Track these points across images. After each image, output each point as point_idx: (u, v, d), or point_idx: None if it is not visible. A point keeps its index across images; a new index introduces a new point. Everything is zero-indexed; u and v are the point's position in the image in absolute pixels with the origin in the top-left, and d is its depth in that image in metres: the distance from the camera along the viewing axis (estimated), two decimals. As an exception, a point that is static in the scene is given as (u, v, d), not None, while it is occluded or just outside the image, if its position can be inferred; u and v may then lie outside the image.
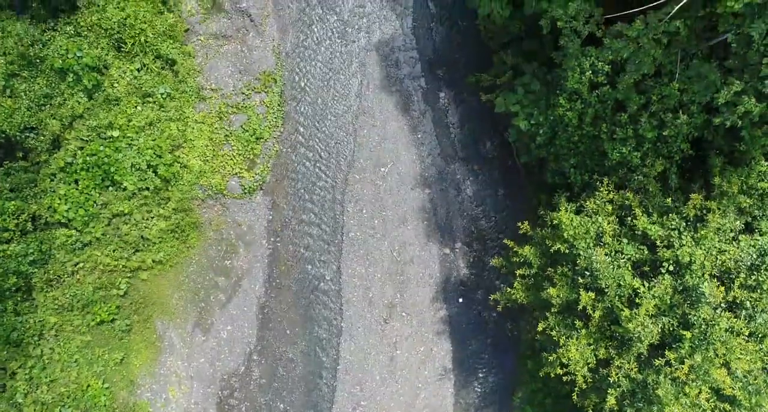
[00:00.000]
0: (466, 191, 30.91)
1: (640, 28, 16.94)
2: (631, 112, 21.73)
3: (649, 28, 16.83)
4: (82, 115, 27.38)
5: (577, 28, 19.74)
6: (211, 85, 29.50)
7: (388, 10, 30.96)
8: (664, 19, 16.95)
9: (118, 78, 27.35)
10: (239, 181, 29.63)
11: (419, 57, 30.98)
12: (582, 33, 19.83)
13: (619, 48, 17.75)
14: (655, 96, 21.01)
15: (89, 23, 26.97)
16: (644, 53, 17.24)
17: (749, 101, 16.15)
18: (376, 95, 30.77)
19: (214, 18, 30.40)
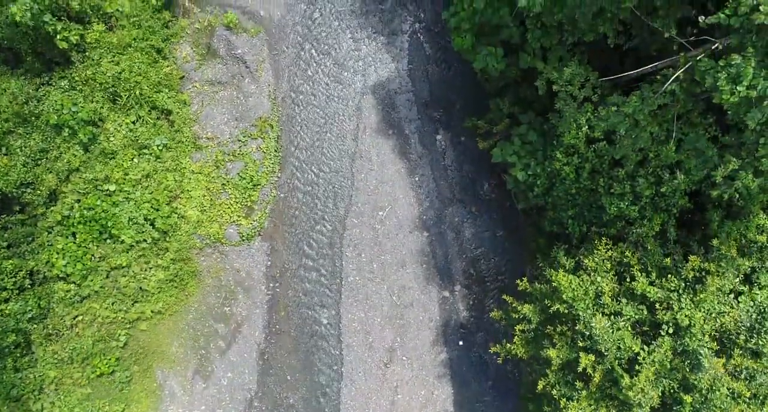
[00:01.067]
0: (465, 234, 30.85)
1: (637, 105, 16.87)
2: (627, 170, 21.66)
3: (645, 103, 16.76)
4: (78, 169, 27.36)
5: (573, 93, 19.66)
6: (207, 134, 29.45)
7: (384, 53, 30.88)
8: (660, 91, 16.87)
9: (114, 132, 27.30)
10: (237, 229, 29.58)
11: (415, 99, 30.92)
12: (578, 97, 19.75)
13: (616, 123, 17.68)
14: (652, 153, 20.94)
15: (84, 77, 26.92)
16: (641, 129, 17.17)
17: (747, 176, 16.09)
18: (373, 139, 30.71)
19: (209, 64, 30.36)
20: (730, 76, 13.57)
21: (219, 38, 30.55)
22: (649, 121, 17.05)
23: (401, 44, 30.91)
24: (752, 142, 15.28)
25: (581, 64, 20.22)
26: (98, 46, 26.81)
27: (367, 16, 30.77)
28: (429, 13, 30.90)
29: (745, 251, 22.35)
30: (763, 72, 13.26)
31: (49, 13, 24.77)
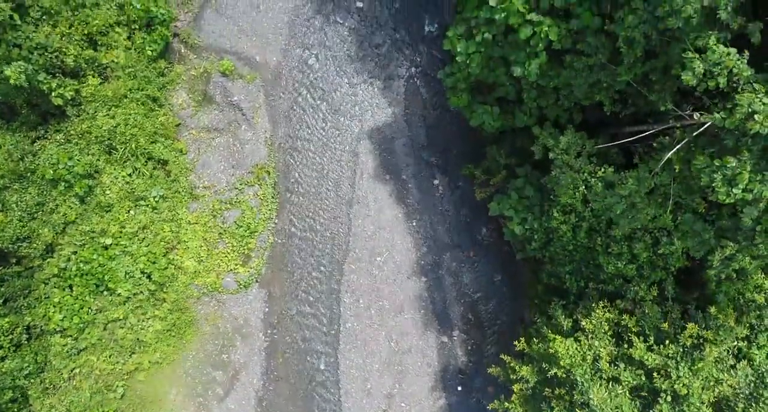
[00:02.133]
0: (463, 278, 30.78)
1: (633, 188, 16.80)
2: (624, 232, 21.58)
3: (642, 185, 16.69)
4: (74, 221, 27.28)
5: (569, 163, 19.58)
6: (204, 183, 29.36)
7: (380, 97, 30.80)
8: (656, 170, 16.81)
9: (110, 185, 27.22)
10: (234, 277, 29.50)
11: (412, 144, 30.84)
12: (575, 167, 19.67)
13: (612, 203, 17.62)
14: (649, 221, 20.85)
15: (79, 131, 26.85)
16: (638, 211, 17.11)
17: (744, 259, 16.03)
18: (370, 184, 30.64)
19: (205, 110, 30.27)
20: (726, 178, 13.53)
21: (215, 85, 30.48)
22: (646, 203, 16.99)
23: (398, 89, 30.83)
24: (749, 229, 15.21)
25: (577, 130, 20.13)
26: (93, 100, 26.73)
27: (364, 61, 30.69)
28: (425, 58, 30.82)
29: (744, 309, 22.32)
30: (759, 176, 13.21)
31: (44, 72, 24.70)
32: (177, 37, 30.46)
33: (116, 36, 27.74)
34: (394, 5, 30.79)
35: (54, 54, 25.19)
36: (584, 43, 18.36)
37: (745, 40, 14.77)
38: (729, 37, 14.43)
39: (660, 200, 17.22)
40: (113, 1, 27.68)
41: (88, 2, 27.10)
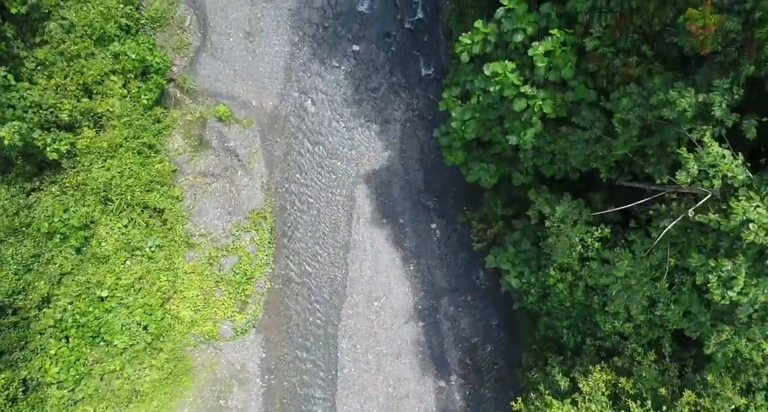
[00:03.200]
0: (460, 323, 30.69)
1: (629, 269, 16.72)
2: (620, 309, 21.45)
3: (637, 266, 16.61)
4: (70, 272, 27.19)
5: (565, 232, 19.50)
6: (200, 231, 29.28)
7: (377, 141, 30.71)
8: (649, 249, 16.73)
9: (106, 236, 27.14)
10: (231, 325, 29.42)
11: (409, 188, 30.75)
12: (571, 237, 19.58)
13: (608, 283, 17.55)
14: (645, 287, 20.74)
15: (75, 183, 26.77)
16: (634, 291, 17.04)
17: (740, 342, 15.95)
18: (367, 228, 30.55)
19: (201, 155, 30.19)
20: (722, 280, 13.46)
21: (211, 130, 30.39)
22: (641, 283, 16.91)
23: (394, 132, 30.73)
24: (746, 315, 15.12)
25: (573, 185, 20.04)
26: (89, 152, 26.67)
27: (360, 105, 30.60)
28: (422, 101, 30.73)
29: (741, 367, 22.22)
30: (754, 280, 13.13)
31: (39, 129, 24.62)
32: (173, 81, 30.38)
33: (112, 84, 27.69)
34: (390, 49, 30.71)
35: (49, 110, 25.12)
36: (579, 116, 18.27)
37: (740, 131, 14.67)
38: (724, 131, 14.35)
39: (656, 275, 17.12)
40: (108, 51, 27.62)
41: (83, 53, 27.06)
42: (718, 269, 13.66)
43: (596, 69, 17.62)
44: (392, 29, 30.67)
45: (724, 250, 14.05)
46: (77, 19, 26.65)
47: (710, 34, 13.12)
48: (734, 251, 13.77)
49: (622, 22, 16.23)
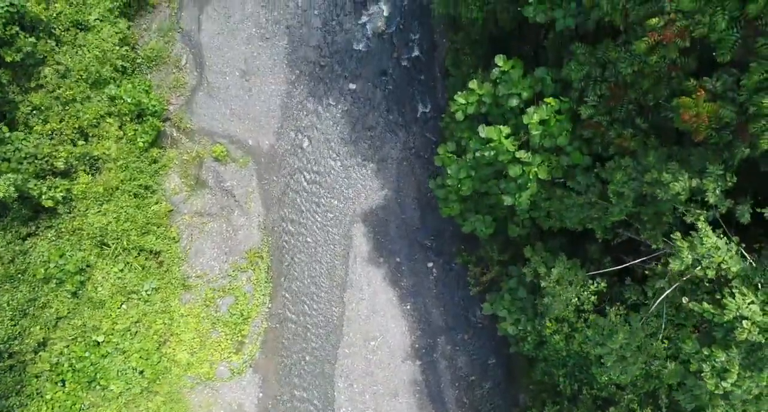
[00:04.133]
0: (457, 362, 30.63)
1: (624, 342, 16.67)
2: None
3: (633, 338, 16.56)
4: (66, 315, 27.17)
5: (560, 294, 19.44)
6: (196, 272, 29.24)
7: (374, 179, 30.64)
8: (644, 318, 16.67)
9: (102, 281, 27.11)
10: (228, 365, 29.37)
11: (406, 226, 30.68)
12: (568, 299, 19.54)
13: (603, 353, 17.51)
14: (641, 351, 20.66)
15: (71, 228, 26.74)
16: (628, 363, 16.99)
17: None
18: (363, 267, 30.49)
19: (198, 195, 30.15)
20: (716, 370, 13.42)
21: (207, 169, 30.35)
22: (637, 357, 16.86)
23: (391, 171, 30.65)
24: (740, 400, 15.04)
25: (569, 238, 19.99)
26: (85, 197, 26.62)
27: (357, 143, 30.54)
28: (419, 139, 30.66)
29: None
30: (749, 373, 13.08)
31: (34, 178, 24.57)
32: (169, 121, 30.34)
33: (107, 126, 27.66)
34: (387, 87, 30.63)
35: (44, 159, 25.07)
36: (574, 180, 18.21)
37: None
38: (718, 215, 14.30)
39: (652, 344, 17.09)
40: (104, 93, 27.59)
41: (78, 97, 27.03)
42: (712, 359, 13.64)
43: (591, 136, 17.58)
44: (389, 67, 30.59)
45: (718, 339, 14.02)
46: (72, 64, 26.62)
47: (704, 123, 13.07)
48: (728, 341, 13.73)
49: (617, 92, 16.17)
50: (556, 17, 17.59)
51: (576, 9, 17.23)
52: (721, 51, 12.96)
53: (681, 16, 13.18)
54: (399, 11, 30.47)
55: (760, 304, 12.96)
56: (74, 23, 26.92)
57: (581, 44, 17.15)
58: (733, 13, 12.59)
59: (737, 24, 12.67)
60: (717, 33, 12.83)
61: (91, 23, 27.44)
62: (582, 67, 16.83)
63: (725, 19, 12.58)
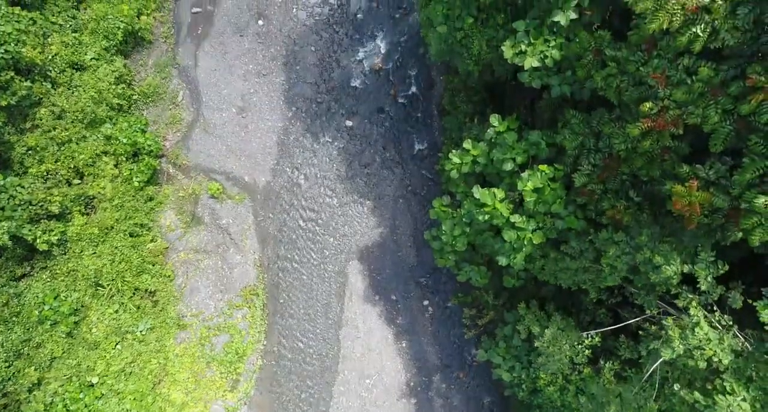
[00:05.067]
0: (452, 400, 30.58)
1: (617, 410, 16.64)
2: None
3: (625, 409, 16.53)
4: (61, 355, 27.12)
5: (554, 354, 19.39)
6: (191, 311, 29.20)
7: (370, 217, 30.59)
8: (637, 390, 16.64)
9: (96, 322, 27.07)
10: (223, 404, 29.34)
11: (402, 264, 30.62)
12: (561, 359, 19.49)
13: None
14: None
15: (65, 270, 26.69)
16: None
17: None
18: (359, 305, 30.45)
19: (193, 231, 30.10)
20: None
21: (203, 206, 30.30)
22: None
23: (387, 208, 30.60)
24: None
25: (564, 318, 19.94)
26: (80, 239, 26.56)
27: (353, 180, 30.48)
28: (415, 177, 30.59)
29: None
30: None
31: (28, 224, 24.52)
32: (165, 157, 30.29)
33: (103, 165, 27.61)
34: (383, 124, 30.57)
35: (39, 205, 25.01)
36: (568, 245, 18.15)
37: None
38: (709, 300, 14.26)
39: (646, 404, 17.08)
40: (100, 132, 27.53)
41: (74, 137, 26.97)
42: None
43: (586, 202, 17.51)
44: (386, 104, 30.53)
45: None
46: (68, 105, 26.56)
47: (695, 213, 13.01)
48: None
49: (611, 164, 16.10)
50: (551, 84, 17.53)
51: (572, 77, 17.17)
52: (714, 142, 12.90)
53: (674, 104, 13.11)
54: (396, 48, 30.40)
55: (751, 400, 12.92)
56: (70, 64, 26.84)
57: (576, 112, 17.08)
58: (725, 106, 12.52)
59: (730, 117, 12.60)
60: (710, 125, 12.76)
61: (87, 63, 27.37)
62: (576, 136, 16.76)
63: (718, 114, 12.51)
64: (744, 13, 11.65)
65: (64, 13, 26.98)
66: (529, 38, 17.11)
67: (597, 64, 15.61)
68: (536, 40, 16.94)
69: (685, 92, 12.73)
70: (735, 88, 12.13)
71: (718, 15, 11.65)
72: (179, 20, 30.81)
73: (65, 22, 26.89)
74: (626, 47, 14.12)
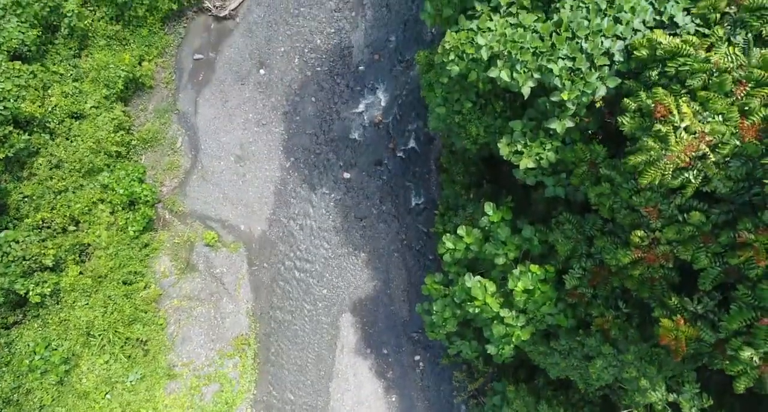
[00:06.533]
0: (440, 456, 30.64)
1: None
2: None
3: None
4: (50, 404, 27.18)
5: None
6: (182, 360, 29.23)
7: (364, 269, 30.54)
8: None
9: (87, 372, 27.11)
10: (210, 455, 29.42)
11: (395, 318, 30.62)
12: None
13: None
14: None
15: (57, 320, 26.71)
16: None
17: None
18: (350, 358, 30.46)
19: (187, 278, 30.12)
20: None
21: (198, 254, 30.31)
22: None
23: (382, 261, 30.57)
24: None
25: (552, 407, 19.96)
26: (73, 290, 26.59)
27: (349, 232, 30.46)
28: (411, 231, 30.56)
29: None
30: None
31: (21, 278, 24.55)
32: (161, 203, 30.30)
33: (99, 213, 27.63)
34: (381, 177, 30.54)
35: (32, 259, 25.02)
36: (557, 342, 18.14)
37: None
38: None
39: None
40: (97, 181, 27.53)
41: (71, 186, 26.97)
42: None
43: (576, 302, 17.50)
44: (384, 157, 30.49)
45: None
46: (66, 155, 26.57)
47: (681, 348, 12.99)
48: None
49: (601, 273, 16.09)
50: (546, 183, 17.50)
51: (566, 180, 17.14)
52: (703, 280, 12.88)
53: (665, 240, 13.09)
54: (396, 101, 30.35)
55: None
56: (69, 114, 26.84)
57: (569, 216, 17.04)
58: (716, 251, 12.49)
59: (720, 259, 12.57)
60: (699, 264, 12.73)
61: (87, 111, 27.36)
62: (568, 240, 16.74)
63: (708, 257, 12.49)
64: (736, 166, 11.62)
65: (66, 62, 26.95)
66: (526, 139, 17.08)
67: (591, 177, 15.58)
68: (532, 142, 16.91)
69: (676, 232, 12.70)
70: (725, 238, 12.11)
71: (711, 171, 11.63)
72: (181, 66, 30.79)
73: (66, 71, 26.86)
74: (620, 173, 14.09)
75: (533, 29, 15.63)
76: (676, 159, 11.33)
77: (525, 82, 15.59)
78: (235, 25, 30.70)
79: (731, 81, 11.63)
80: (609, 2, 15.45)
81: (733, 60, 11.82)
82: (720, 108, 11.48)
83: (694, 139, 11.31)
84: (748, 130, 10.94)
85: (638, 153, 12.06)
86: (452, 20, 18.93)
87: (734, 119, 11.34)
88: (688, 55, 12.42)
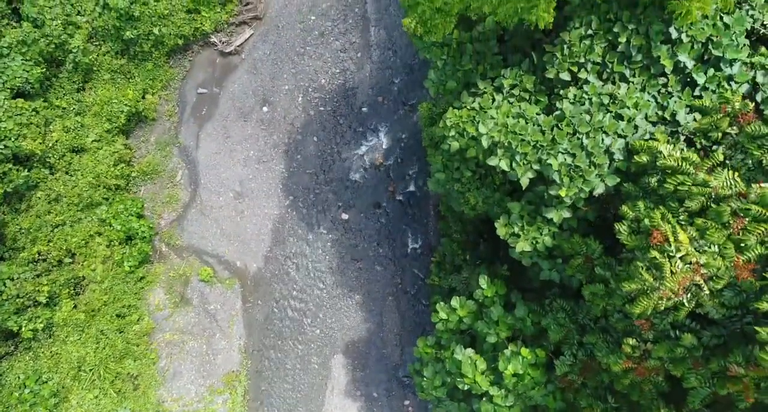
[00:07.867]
0: None
1: None
2: None
3: None
4: (39, 435, 27.22)
5: None
6: (172, 396, 29.23)
7: (358, 311, 30.47)
8: None
9: (76, 406, 27.13)
10: None
11: (386, 361, 30.57)
12: None
13: None
14: None
15: (48, 354, 26.73)
16: None
17: None
18: (340, 399, 30.45)
19: (181, 312, 30.12)
20: None
21: (193, 288, 30.30)
22: None
23: (376, 304, 30.52)
24: None
25: None
26: (65, 325, 26.58)
27: (344, 274, 30.42)
28: (406, 275, 30.51)
29: None
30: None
31: (14, 315, 24.54)
32: (158, 235, 30.28)
33: (96, 245, 27.62)
34: (379, 220, 30.49)
35: (26, 296, 25.02)
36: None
37: None
38: None
39: None
40: (95, 214, 27.52)
41: (68, 220, 26.95)
42: None
43: (566, 387, 17.46)
44: (383, 200, 30.43)
45: None
46: (64, 190, 26.55)
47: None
48: None
49: (592, 366, 16.05)
50: (541, 266, 17.45)
51: (561, 265, 17.08)
52: (692, 399, 12.82)
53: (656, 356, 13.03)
54: (398, 144, 30.28)
55: None
56: (70, 148, 26.81)
57: (563, 303, 16.99)
58: (705, 375, 12.44)
59: (710, 381, 12.52)
60: (689, 384, 12.68)
61: (88, 145, 27.33)
62: (561, 329, 16.69)
63: (698, 380, 12.44)
64: (730, 296, 11.56)
65: (69, 96, 26.91)
66: (523, 222, 17.02)
67: (586, 271, 15.52)
68: (529, 226, 16.85)
69: (667, 351, 12.65)
70: (716, 365, 12.06)
71: (704, 300, 11.57)
72: (184, 99, 30.73)
73: (69, 105, 26.83)
74: (614, 276, 14.02)
75: (535, 122, 15.56)
76: (669, 293, 11.27)
77: (524, 174, 15.53)
78: (241, 61, 30.63)
79: (729, 213, 11.56)
80: (611, 97, 15.39)
81: (732, 186, 11.74)
82: (716, 239, 11.43)
83: (689, 270, 11.25)
84: (743, 268, 10.89)
85: (632, 281, 12.01)
86: (455, 93, 18.86)
87: (730, 255, 11.28)
88: (688, 173, 12.34)
